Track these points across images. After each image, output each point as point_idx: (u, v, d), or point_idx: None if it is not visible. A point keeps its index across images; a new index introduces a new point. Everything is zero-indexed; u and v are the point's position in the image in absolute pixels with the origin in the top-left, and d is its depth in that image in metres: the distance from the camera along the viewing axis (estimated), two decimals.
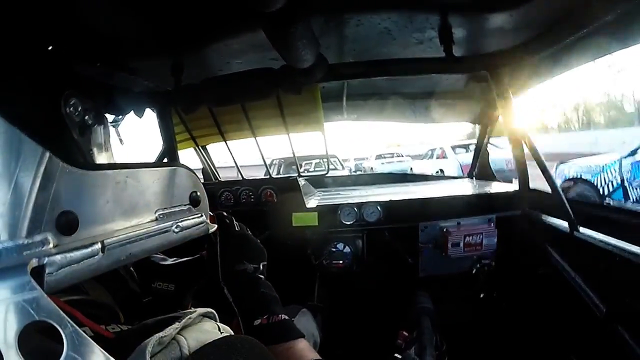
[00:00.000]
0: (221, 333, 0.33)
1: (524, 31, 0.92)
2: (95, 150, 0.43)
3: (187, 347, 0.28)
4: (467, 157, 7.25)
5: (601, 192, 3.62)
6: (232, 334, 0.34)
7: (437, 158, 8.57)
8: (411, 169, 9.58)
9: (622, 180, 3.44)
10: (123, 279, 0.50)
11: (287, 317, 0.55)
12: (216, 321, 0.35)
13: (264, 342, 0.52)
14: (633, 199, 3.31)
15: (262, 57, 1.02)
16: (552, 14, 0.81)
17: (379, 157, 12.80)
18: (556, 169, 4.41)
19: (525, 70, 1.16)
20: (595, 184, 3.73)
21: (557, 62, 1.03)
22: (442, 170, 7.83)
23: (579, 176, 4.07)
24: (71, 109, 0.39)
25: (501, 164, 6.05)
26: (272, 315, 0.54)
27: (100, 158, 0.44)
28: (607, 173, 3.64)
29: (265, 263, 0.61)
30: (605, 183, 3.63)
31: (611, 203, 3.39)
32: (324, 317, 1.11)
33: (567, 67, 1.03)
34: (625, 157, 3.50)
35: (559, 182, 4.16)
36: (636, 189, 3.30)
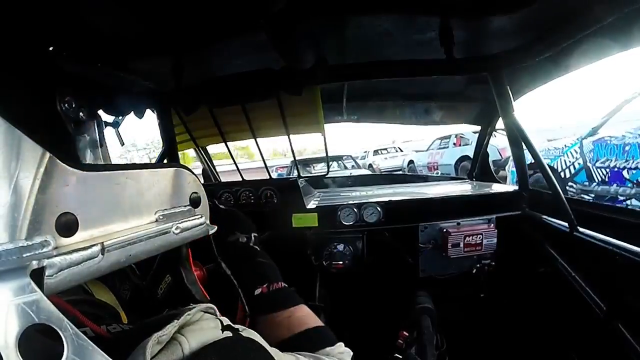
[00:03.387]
0: (223, 332, 0.32)
1: (524, 33, 0.92)
2: (89, 147, 0.43)
3: (188, 348, 0.28)
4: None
5: (562, 176, 3.39)
6: (235, 328, 0.34)
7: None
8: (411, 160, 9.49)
9: (585, 162, 3.20)
10: (126, 275, 0.50)
11: (286, 285, 0.56)
12: (217, 316, 0.35)
13: (266, 310, 0.52)
14: (598, 180, 3.09)
15: (262, 58, 1.02)
16: (552, 16, 0.81)
17: (376, 152, 12.89)
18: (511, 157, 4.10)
19: (526, 72, 1.17)
20: (556, 167, 3.48)
21: (558, 64, 1.04)
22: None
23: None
24: (66, 105, 0.39)
25: (494, 153, 5.80)
26: (272, 284, 0.54)
27: (95, 155, 0.44)
28: (567, 155, 3.40)
29: (257, 235, 0.62)
30: (566, 166, 3.39)
31: (574, 187, 3.28)
32: (324, 318, 1.11)
33: (567, 70, 1.04)
34: (584, 138, 3.25)
35: (514, 169, 3.93)
36: (599, 169, 3.05)
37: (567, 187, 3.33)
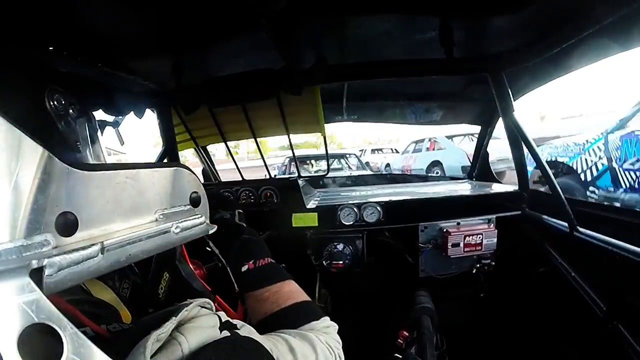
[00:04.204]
0: (221, 331, 0.32)
1: (524, 33, 0.92)
2: (81, 145, 0.43)
3: (187, 348, 0.28)
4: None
5: (582, 179, 2.73)
6: (233, 325, 0.34)
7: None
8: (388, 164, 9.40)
9: (610, 161, 2.55)
10: (124, 273, 0.50)
11: (273, 261, 0.56)
12: (213, 311, 0.35)
13: (253, 287, 0.52)
14: (625, 185, 2.41)
15: (262, 58, 1.02)
16: (553, 16, 0.81)
17: (373, 152, 12.90)
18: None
19: (526, 72, 1.17)
20: (575, 168, 2.82)
21: (558, 64, 1.04)
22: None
23: (552, 159, 3.08)
24: (54, 103, 0.39)
25: (464, 159, 5.81)
26: (258, 260, 0.55)
27: (87, 153, 0.44)
28: (589, 153, 2.73)
29: (241, 211, 0.63)
30: (587, 167, 2.72)
31: (596, 192, 2.66)
32: None
33: (568, 70, 1.04)
34: (611, 132, 2.60)
35: (530, 169, 3.43)
36: (628, 171, 2.39)
37: (588, 193, 2.72)
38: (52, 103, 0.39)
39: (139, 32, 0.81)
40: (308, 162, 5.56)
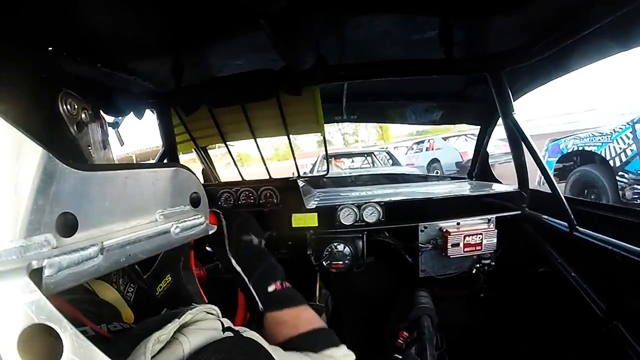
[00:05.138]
0: (224, 333, 0.32)
1: (523, 33, 0.93)
2: (93, 149, 0.43)
3: (189, 347, 0.28)
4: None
5: (612, 165, 3.03)
6: (236, 330, 0.34)
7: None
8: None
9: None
10: (131, 278, 0.50)
11: (291, 286, 0.59)
12: (219, 317, 0.35)
13: (277, 307, 0.54)
14: None
15: (262, 58, 1.02)
16: (552, 16, 0.81)
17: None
18: (547, 147, 3.85)
19: (525, 72, 1.17)
20: (604, 155, 3.11)
21: (557, 64, 1.04)
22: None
23: (580, 149, 3.43)
24: (67, 107, 0.39)
25: (456, 156, 7.03)
26: (284, 282, 0.58)
27: (98, 157, 0.44)
28: (617, 142, 3.01)
29: (265, 240, 0.66)
30: (616, 153, 3.01)
31: (626, 177, 2.93)
32: (325, 318, 1.11)
33: (567, 70, 1.04)
34: (637, 122, 2.88)
35: (553, 160, 3.71)
36: None
37: (618, 178, 3.02)
38: (64, 107, 0.39)
39: (139, 32, 0.81)
40: (342, 159, 5.83)
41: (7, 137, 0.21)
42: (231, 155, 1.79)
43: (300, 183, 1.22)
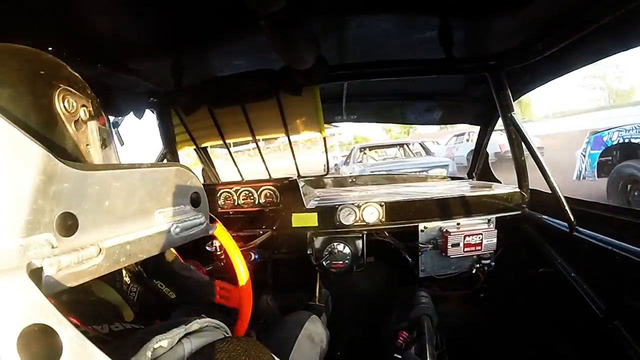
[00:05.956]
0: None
1: (523, 33, 0.92)
2: (92, 148, 0.42)
3: (190, 347, 0.29)
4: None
5: None
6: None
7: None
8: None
9: None
10: (130, 279, 0.50)
11: None
12: (226, 333, 0.36)
13: None
14: None
15: (262, 59, 1.02)
16: (552, 16, 0.81)
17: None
18: (588, 140, 3.55)
19: (525, 72, 1.17)
20: None
21: (557, 64, 1.03)
22: None
23: (626, 141, 3.24)
24: (65, 104, 0.39)
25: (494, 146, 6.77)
26: None
27: (97, 156, 0.44)
28: None
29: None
30: None
31: None
32: (325, 318, 1.11)
33: (567, 69, 1.04)
34: None
35: (596, 152, 3.44)
36: None
37: None
38: (62, 105, 0.38)
39: (139, 32, 0.81)
40: (374, 150, 6.32)
41: (7, 137, 0.21)
42: (231, 156, 1.79)
43: (300, 183, 1.22)
